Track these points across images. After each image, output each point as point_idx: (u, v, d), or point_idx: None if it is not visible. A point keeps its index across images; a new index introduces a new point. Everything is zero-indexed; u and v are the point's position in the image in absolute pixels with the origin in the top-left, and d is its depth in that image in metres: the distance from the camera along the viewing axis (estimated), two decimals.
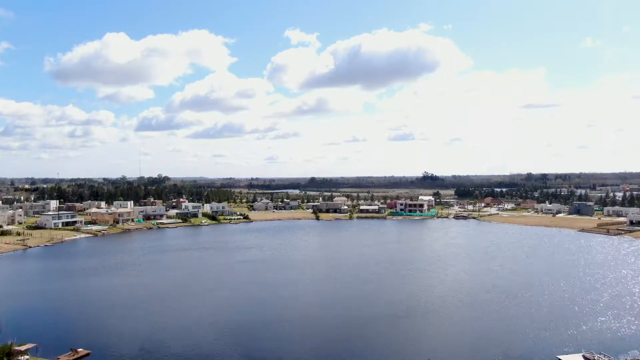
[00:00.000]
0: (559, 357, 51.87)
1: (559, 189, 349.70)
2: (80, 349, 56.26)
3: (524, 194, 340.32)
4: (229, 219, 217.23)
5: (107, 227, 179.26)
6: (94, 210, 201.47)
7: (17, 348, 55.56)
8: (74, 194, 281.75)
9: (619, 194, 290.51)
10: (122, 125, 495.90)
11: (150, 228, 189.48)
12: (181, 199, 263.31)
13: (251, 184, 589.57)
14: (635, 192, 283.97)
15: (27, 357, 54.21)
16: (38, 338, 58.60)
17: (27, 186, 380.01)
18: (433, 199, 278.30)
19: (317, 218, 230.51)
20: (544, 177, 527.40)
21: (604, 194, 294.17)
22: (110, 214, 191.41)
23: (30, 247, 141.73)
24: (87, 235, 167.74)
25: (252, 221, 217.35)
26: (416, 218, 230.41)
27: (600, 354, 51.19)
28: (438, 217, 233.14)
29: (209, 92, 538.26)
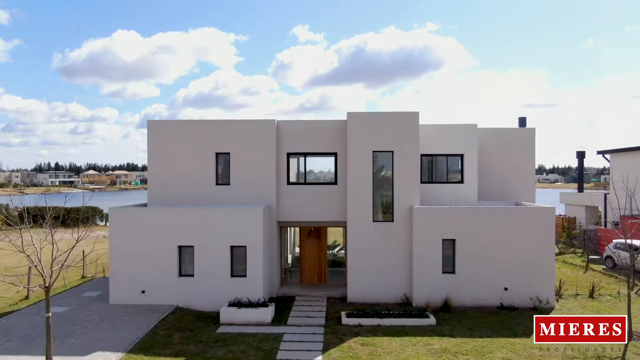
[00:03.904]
0: None
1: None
2: None
3: None
4: None
5: (104, 186, 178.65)
6: (90, 172, 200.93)
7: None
8: (72, 169, 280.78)
9: None
10: (124, 122, 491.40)
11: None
12: None
13: None
14: None
15: None
16: None
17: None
18: None
19: None
20: (541, 168, 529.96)
21: (601, 167, 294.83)
22: (107, 175, 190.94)
23: (27, 194, 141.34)
24: (84, 190, 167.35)
25: None
26: None
27: None
28: None
29: (213, 89, 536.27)
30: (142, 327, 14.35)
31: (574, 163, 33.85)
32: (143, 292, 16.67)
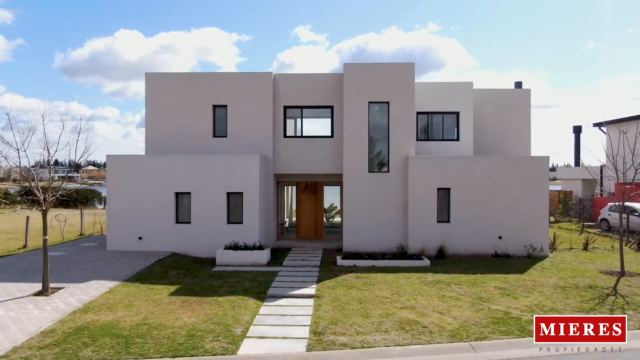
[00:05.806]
0: None
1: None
2: None
3: None
4: None
5: (103, 181, 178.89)
6: (90, 167, 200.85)
7: None
8: (71, 165, 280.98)
9: None
10: (125, 121, 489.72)
11: None
12: None
13: None
14: None
15: None
16: None
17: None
18: None
19: None
20: None
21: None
22: (106, 170, 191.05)
23: (28, 187, 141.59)
24: (84, 185, 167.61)
25: None
26: None
27: None
28: None
29: None
30: (139, 265, 14.48)
31: (573, 162, 34.09)
32: (140, 238, 16.81)
